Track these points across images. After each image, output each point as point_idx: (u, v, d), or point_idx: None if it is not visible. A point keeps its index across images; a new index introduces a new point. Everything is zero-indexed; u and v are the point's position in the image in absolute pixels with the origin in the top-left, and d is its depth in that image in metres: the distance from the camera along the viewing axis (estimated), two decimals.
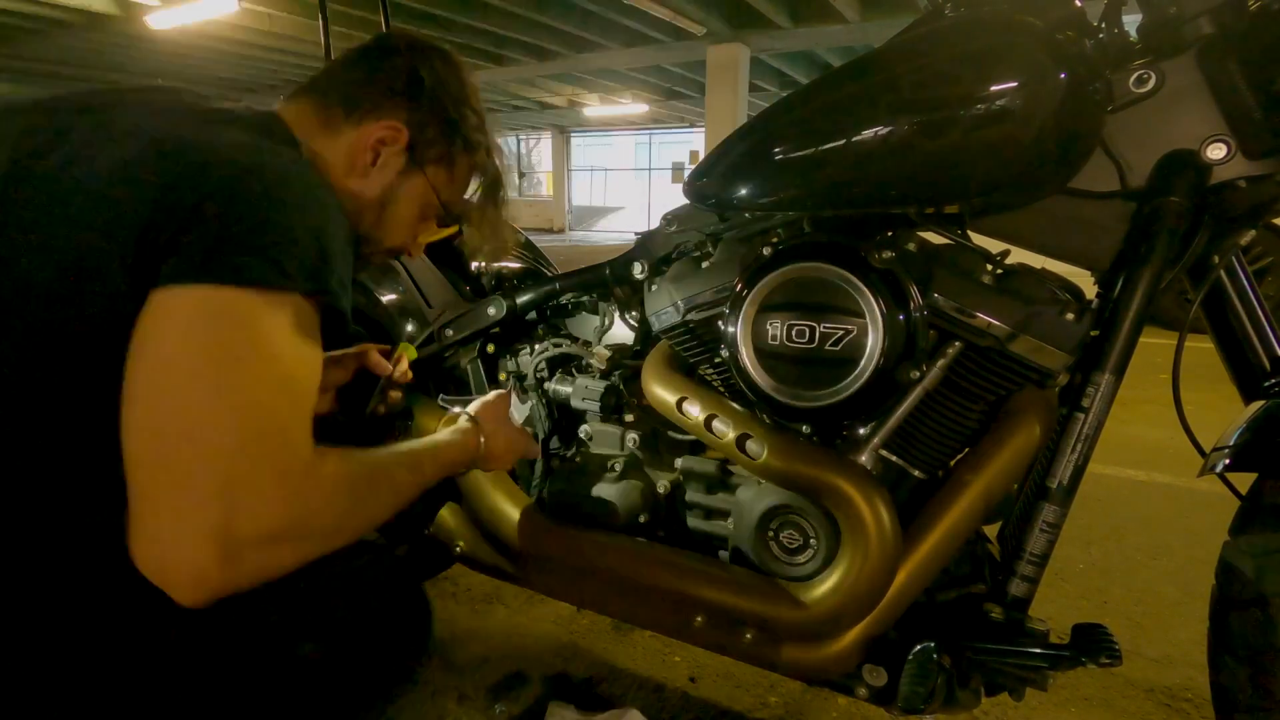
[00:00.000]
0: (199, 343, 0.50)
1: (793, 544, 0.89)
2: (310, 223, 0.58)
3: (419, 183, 0.78)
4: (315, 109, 0.74)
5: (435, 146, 0.78)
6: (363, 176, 0.75)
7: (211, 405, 0.49)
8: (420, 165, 0.77)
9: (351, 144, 0.74)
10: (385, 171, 0.76)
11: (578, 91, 13.28)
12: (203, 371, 0.49)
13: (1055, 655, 0.76)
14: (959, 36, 0.75)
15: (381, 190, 0.76)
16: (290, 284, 0.54)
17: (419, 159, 0.77)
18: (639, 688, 1.26)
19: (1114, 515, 2.01)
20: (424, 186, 0.79)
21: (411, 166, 0.77)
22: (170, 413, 0.48)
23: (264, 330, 0.52)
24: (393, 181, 0.77)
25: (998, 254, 0.82)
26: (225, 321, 0.50)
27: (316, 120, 0.74)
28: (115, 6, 7.64)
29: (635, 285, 1.07)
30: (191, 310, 0.50)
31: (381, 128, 0.74)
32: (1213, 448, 0.79)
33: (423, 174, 0.78)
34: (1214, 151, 0.73)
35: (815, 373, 0.82)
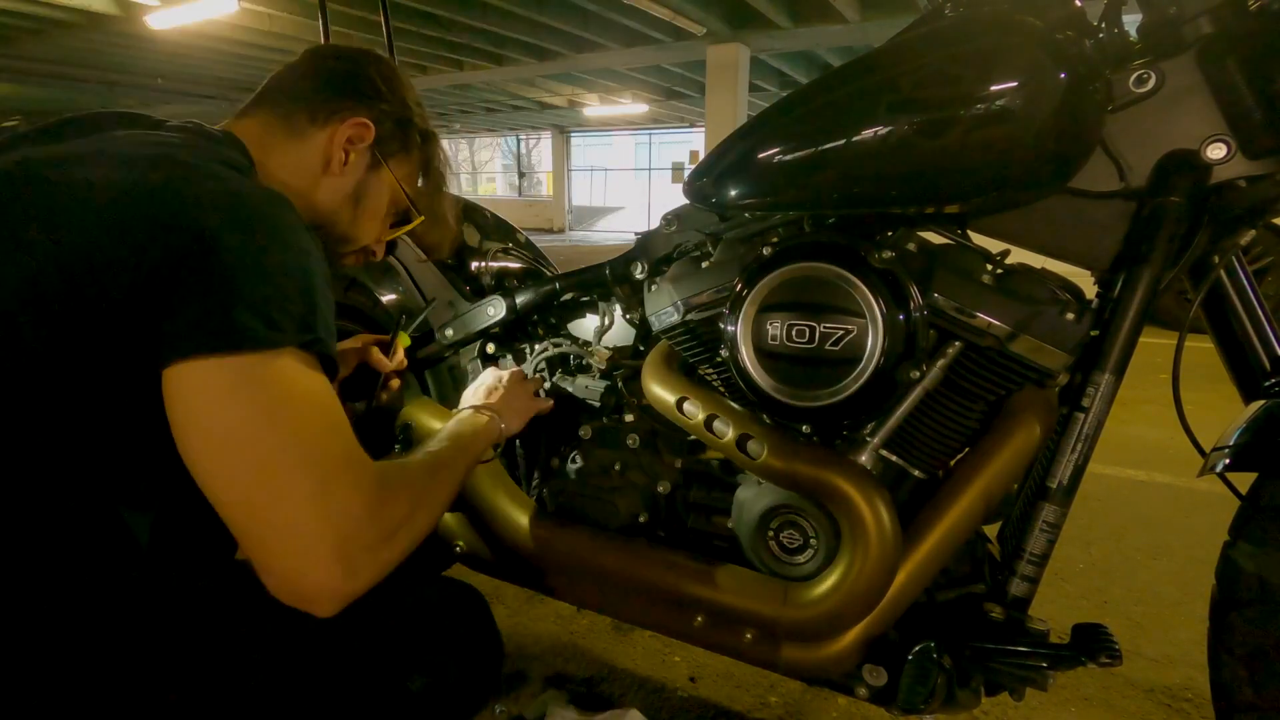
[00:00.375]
0: (239, 415, 0.53)
1: (793, 544, 0.89)
2: (295, 267, 0.58)
3: (385, 177, 0.82)
4: (278, 119, 0.77)
5: (394, 140, 0.82)
6: (338, 175, 0.78)
7: (280, 462, 0.54)
8: (384, 160, 0.82)
9: (323, 145, 0.77)
10: (356, 169, 0.79)
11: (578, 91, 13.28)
12: (258, 437, 0.54)
13: (1055, 655, 0.76)
14: (959, 36, 0.75)
15: (355, 187, 0.80)
16: (286, 338, 0.56)
17: (383, 154, 0.81)
18: (639, 688, 1.26)
19: (1114, 515, 2.01)
20: (389, 180, 0.83)
21: (377, 162, 0.81)
22: (250, 484, 0.54)
23: (285, 381, 0.55)
24: (363, 178, 0.80)
25: (998, 254, 0.82)
26: (251, 387, 0.54)
27: (281, 130, 0.77)
28: (115, 6, 7.64)
29: (635, 285, 1.07)
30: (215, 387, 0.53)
31: (350, 126, 0.77)
32: (1213, 448, 0.79)
33: (387, 168, 0.82)
34: (1214, 151, 0.73)
35: (815, 373, 0.82)
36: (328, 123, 0.78)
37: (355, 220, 0.82)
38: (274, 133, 0.77)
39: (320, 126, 0.77)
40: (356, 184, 0.80)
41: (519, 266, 1.30)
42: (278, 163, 0.76)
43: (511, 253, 1.32)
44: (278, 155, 0.76)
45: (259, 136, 0.76)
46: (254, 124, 0.77)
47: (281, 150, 0.76)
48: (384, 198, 0.84)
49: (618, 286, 1.09)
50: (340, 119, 0.78)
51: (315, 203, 0.78)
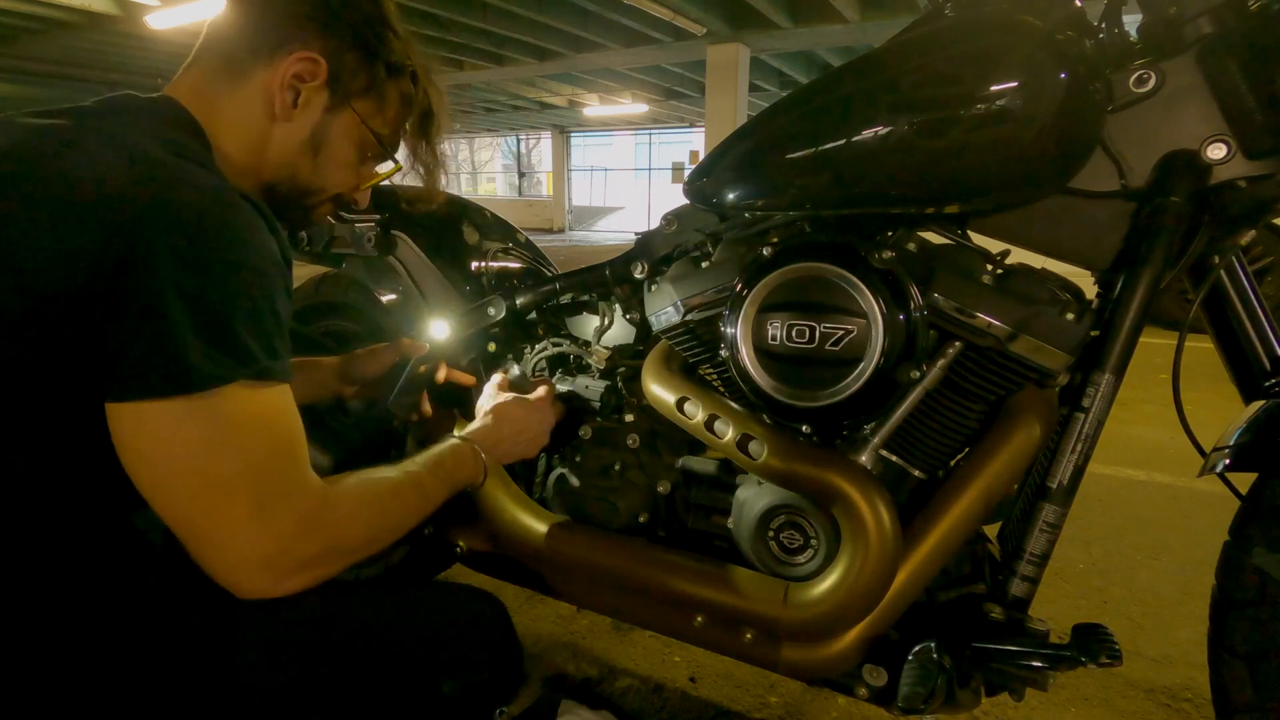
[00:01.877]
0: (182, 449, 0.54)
1: (793, 544, 0.89)
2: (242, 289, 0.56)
3: (348, 118, 0.73)
4: (217, 64, 0.68)
5: (358, 75, 0.71)
6: (286, 119, 0.69)
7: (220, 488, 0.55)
8: (346, 99, 0.72)
9: (265, 85, 0.68)
10: (310, 110, 0.70)
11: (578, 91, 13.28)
12: (199, 467, 0.54)
13: (1055, 655, 0.76)
14: (959, 36, 0.75)
15: (311, 131, 0.71)
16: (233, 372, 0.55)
17: (343, 91, 0.71)
18: (639, 688, 1.26)
19: (1114, 515, 2.01)
20: (354, 121, 0.73)
21: (337, 101, 0.71)
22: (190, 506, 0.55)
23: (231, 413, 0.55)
24: (320, 120, 0.71)
25: (998, 254, 0.82)
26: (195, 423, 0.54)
27: (224, 76, 0.68)
28: (115, 6, 7.64)
29: (635, 285, 1.07)
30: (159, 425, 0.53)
31: (295, 60, 0.67)
32: (1213, 448, 0.79)
33: (350, 108, 0.72)
34: (1214, 151, 0.73)
35: (815, 373, 0.82)
36: (272, 58, 0.67)
37: (318, 169, 0.74)
38: (217, 81, 0.68)
39: (265, 63, 0.67)
40: (313, 129, 0.71)
41: (519, 266, 1.30)
42: (224, 118, 0.68)
43: (511, 253, 1.32)
44: (223, 108, 0.67)
45: (201, 91, 0.67)
46: (197, 75, 0.68)
47: (226, 101, 0.68)
48: (349, 142, 0.74)
49: (618, 286, 1.09)
50: (286, 52, 0.67)
51: (266, 155, 0.70)
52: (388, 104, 0.76)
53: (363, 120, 0.74)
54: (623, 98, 13.73)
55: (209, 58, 0.69)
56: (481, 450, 0.87)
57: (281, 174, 0.72)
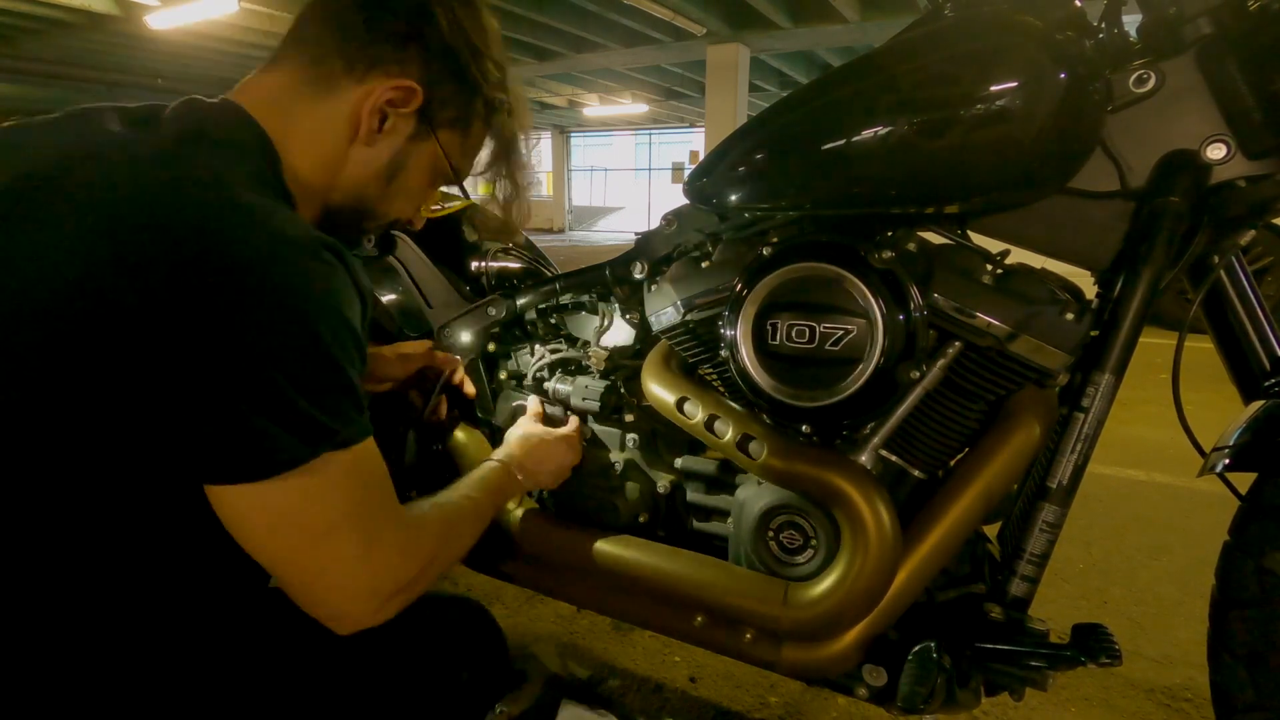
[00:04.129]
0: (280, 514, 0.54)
1: (793, 544, 0.88)
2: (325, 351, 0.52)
3: (430, 148, 0.69)
4: (307, 69, 0.63)
5: (450, 107, 0.68)
6: (368, 144, 0.65)
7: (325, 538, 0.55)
8: (432, 128, 0.67)
9: (355, 105, 0.63)
10: (394, 137, 0.66)
11: (578, 91, 13.28)
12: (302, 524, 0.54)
13: (1055, 655, 0.76)
14: (959, 36, 0.75)
15: (390, 157, 0.67)
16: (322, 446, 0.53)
17: (431, 121, 0.67)
18: (639, 688, 1.26)
19: (1114, 515, 2.01)
20: (435, 152, 0.69)
21: (423, 129, 0.67)
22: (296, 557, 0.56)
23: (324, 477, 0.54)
24: (401, 147, 0.67)
25: (998, 254, 0.82)
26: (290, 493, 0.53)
27: (308, 84, 0.63)
28: (115, 6, 7.64)
29: (635, 285, 1.07)
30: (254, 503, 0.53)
31: (391, 88, 0.63)
32: (1213, 448, 0.79)
33: (435, 138, 0.68)
34: (1214, 151, 0.72)
35: (815, 373, 0.82)
36: (366, 76, 0.63)
37: (387, 195, 0.70)
38: (299, 89, 0.63)
39: (357, 80, 0.63)
40: (392, 155, 0.67)
41: (519, 266, 1.30)
42: (300, 133, 0.63)
43: (511, 253, 1.32)
44: (300, 122, 0.63)
45: (279, 97, 0.63)
46: (277, 80, 0.64)
47: (305, 114, 0.63)
48: (424, 171, 0.70)
49: (617, 286, 1.09)
50: (383, 74, 0.63)
51: (339, 177, 0.66)
52: (473, 137, 0.72)
53: (445, 153, 0.70)
54: (623, 98, 13.73)
55: (293, 63, 0.64)
56: (518, 474, 0.91)
57: (349, 197, 0.68)
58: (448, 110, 0.68)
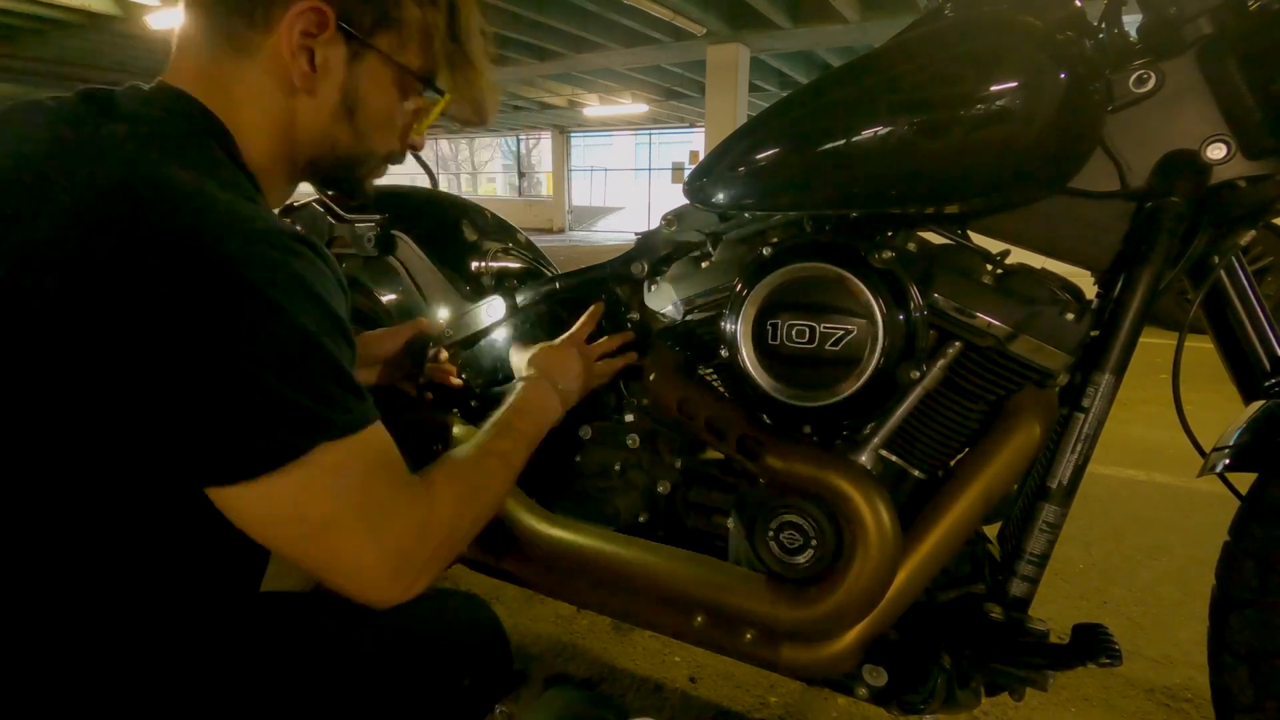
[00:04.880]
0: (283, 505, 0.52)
1: (793, 544, 0.88)
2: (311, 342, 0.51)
3: (373, 62, 0.61)
4: (213, 40, 0.58)
5: (368, 7, 0.60)
6: (309, 91, 0.59)
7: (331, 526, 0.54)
8: (364, 40, 0.60)
9: (274, 55, 0.57)
10: (332, 70, 0.60)
11: (578, 91, 13.28)
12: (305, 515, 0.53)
13: (1055, 655, 0.76)
14: (959, 37, 0.75)
15: (341, 93, 0.61)
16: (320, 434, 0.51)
17: (360, 33, 0.59)
18: (639, 688, 1.26)
19: (1114, 515, 2.01)
20: (380, 63, 0.62)
21: (355, 46, 0.60)
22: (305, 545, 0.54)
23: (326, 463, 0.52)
24: (345, 77, 0.60)
25: (998, 254, 0.82)
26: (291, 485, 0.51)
27: (223, 53, 0.57)
28: (115, 6, 7.65)
29: (635, 285, 1.07)
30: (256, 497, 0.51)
31: (296, 16, 0.56)
32: (1213, 448, 0.80)
33: (372, 49, 0.61)
34: (1214, 151, 0.73)
35: (815, 373, 0.82)
36: (269, 20, 0.56)
37: (359, 133, 0.64)
38: (220, 62, 0.57)
39: (263, 30, 0.57)
40: (342, 91, 0.61)
41: (519, 266, 1.30)
42: (242, 104, 0.58)
43: (511, 253, 1.32)
44: (237, 93, 0.57)
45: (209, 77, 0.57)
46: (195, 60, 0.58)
47: (238, 83, 0.57)
48: (385, 89, 0.64)
49: (618, 286, 1.09)
50: (282, 8, 0.56)
51: (296, 135, 0.61)
52: (409, 26, 0.63)
53: (388, 58, 0.62)
54: (623, 98, 13.73)
55: (199, 35, 0.58)
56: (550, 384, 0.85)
57: (320, 150, 0.63)
58: (367, 11, 0.60)
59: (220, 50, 0.58)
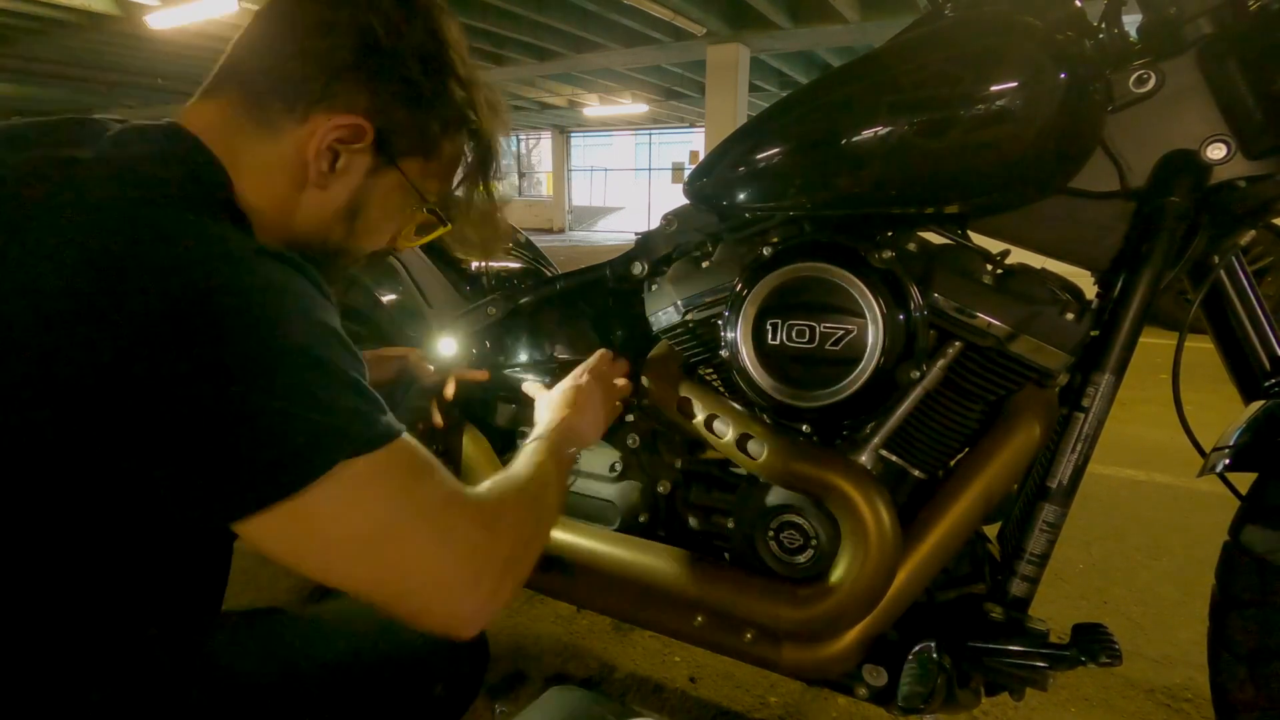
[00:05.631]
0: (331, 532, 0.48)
1: (793, 544, 0.88)
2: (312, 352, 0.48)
3: (392, 179, 0.62)
4: (241, 103, 0.56)
5: (408, 134, 0.60)
6: (321, 187, 0.59)
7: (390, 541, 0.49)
8: (392, 159, 0.60)
9: (299, 148, 0.57)
10: (350, 176, 0.60)
11: (578, 91, 13.28)
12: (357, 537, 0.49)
13: (1055, 655, 0.76)
14: (959, 37, 0.75)
15: (349, 197, 0.61)
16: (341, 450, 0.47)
17: (390, 152, 0.60)
18: (639, 688, 1.26)
19: (1114, 515, 2.01)
20: (399, 182, 0.62)
21: (382, 162, 0.60)
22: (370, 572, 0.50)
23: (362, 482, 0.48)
24: (360, 185, 0.60)
25: (998, 254, 0.82)
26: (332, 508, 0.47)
27: (247, 118, 0.56)
28: (115, 6, 7.65)
29: (635, 285, 1.07)
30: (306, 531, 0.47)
31: (336, 126, 0.56)
32: (1213, 448, 0.80)
33: (397, 169, 0.61)
34: (1214, 151, 0.73)
35: (815, 373, 0.82)
36: (310, 114, 0.56)
37: (354, 234, 0.63)
38: (242, 126, 0.56)
39: (298, 120, 0.56)
40: (351, 195, 0.60)
41: (519, 266, 1.30)
42: (249, 167, 0.56)
43: (511, 253, 1.32)
44: (247, 156, 0.56)
45: (223, 130, 0.56)
46: (219, 112, 0.56)
47: (251, 150, 0.56)
48: (391, 203, 0.64)
49: (617, 286, 1.09)
50: (326, 110, 0.56)
51: (294, 219, 0.59)
52: (441, 158, 0.64)
53: (410, 182, 0.63)
54: (623, 98, 13.73)
55: (232, 91, 0.57)
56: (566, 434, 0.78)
57: (312, 239, 0.61)
58: (406, 138, 0.60)
59: (245, 121, 0.56)
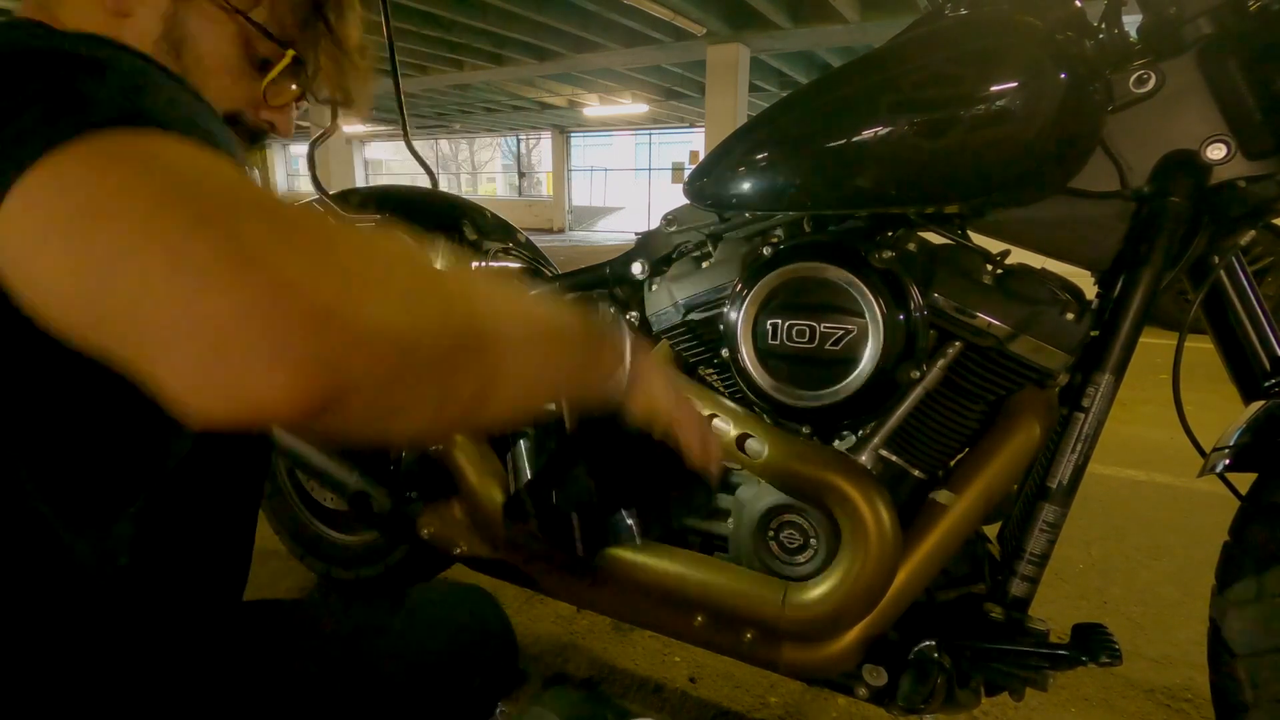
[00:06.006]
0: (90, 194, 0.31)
1: (793, 544, 0.89)
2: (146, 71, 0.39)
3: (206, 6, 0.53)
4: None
5: None
6: (120, 11, 0.50)
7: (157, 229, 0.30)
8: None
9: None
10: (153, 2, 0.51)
11: (578, 91, 13.28)
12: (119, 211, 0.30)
13: (1055, 655, 0.76)
14: (959, 36, 0.75)
15: (163, 26, 0.52)
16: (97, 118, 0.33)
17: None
18: (639, 688, 1.26)
19: (1114, 515, 2.01)
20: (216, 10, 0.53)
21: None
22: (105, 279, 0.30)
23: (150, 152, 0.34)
24: (171, 11, 0.52)
25: (998, 254, 0.82)
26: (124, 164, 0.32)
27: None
28: None
29: (635, 285, 1.07)
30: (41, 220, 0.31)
31: None
32: (1213, 448, 0.79)
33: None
34: (1214, 151, 0.73)
35: (816, 372, 0.82)
36: None
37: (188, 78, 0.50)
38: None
39: None
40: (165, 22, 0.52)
41: (519, 266, 1.30)
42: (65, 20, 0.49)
43: (511, 253, 1.32)
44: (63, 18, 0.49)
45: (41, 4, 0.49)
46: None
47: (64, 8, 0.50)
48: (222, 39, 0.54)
49: (618, 286, 1.09)
50: None
51: None
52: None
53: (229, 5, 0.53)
54: (623, 98, 13.73)
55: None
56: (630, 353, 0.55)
57: None
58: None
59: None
